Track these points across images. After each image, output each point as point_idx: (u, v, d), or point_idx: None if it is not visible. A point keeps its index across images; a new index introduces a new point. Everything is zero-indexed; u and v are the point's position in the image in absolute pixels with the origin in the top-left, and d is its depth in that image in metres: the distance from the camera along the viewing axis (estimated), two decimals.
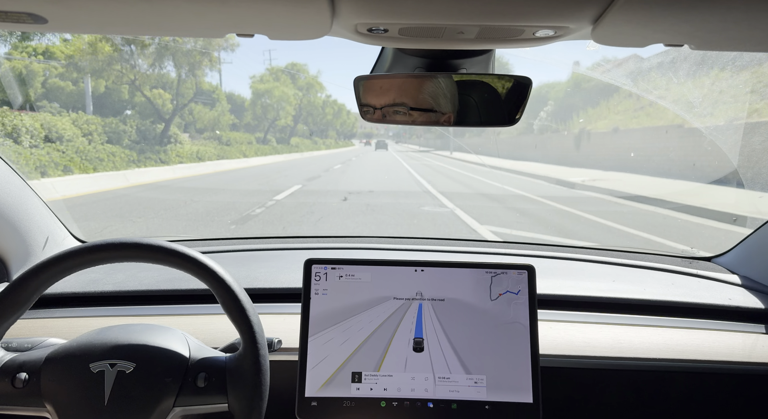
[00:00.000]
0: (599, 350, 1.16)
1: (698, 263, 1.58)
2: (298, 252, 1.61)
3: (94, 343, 0.88)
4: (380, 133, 63.95)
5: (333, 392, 0.97)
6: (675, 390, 1.18)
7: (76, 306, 1.28)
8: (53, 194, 9.07)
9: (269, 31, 0.69)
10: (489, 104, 0.95)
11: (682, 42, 0.71)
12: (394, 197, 9.83)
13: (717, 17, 0.60)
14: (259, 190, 11.15)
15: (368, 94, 0.93)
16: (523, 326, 1.00)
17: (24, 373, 0.85)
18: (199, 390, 0.86)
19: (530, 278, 1.02)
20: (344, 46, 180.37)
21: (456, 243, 1.79)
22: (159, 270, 1.37)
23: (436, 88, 0.92)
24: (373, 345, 0.99)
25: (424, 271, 1.02)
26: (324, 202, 8.96)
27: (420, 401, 0.98)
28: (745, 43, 0.71)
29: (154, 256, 0.86)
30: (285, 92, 39.81)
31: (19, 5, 0.60)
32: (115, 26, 0.70)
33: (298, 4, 0.59)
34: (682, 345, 1.18)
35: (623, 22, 0.63)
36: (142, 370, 0.85)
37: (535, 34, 0.71)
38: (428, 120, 0.94)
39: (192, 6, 0.60)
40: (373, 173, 17.41)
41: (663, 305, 1.30)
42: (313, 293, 1.01)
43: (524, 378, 0.98)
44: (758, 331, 1.24)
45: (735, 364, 1.15)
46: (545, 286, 1.29)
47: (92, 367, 0.85)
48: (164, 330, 0.93)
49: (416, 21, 0.66)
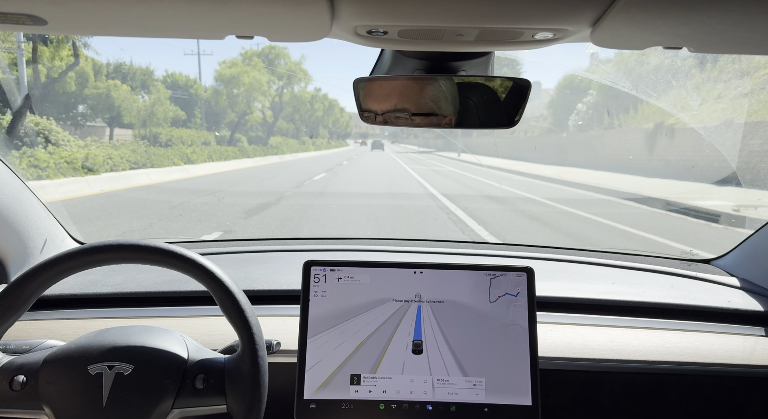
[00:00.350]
0: (598, 352, 1.16)
1: (697, 265, 1.58)
2: (298, 254, 1.61)
3: (92, 345, 0.87)
4: (375, 132, 61.97)
5: (331, 394, 0.97)
6: (674, 393, 1.18)
7: (75, 308, 1.27)
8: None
9: (269, 32, 0.69)
10: (488, 106, 0.95)
11: (681, 45, 0.71)
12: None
13: (715, 20, 0.60)
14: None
15: (369, 99, 0.93)
16: (522, 328, 1.00)
17: (22, 376, 0.85)
18: (197, 391, 0.86)
19: (529, 281, 1.02)
20: (340, 46, 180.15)
21: (455, 245, 1.79)
22: (158, 272, 1.37)
23: (436, 91, 0.92)
24: (372, 347, 0.99)
25: (423, 273, 1.02)
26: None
27: (419, 403, 0.97)
28: (743, 46, 0.71)
29: (152, 258, 0.86)
30: (257, 79, 32.49)
31: (19, 7, 0.60)
32: (114, 28, 0.70)
33: (297, 6, 0.59)
34: (681, 348, 1.18)
35: (622, 24, 0.63)
36: (140, 372, 0.85)
37: (534, 36, 0.71)
38: (429, 123, 0.95)
39: (191, 8, 0.60)
40: (368, 195, 10.99)
41: (662, 307, 1.30)
42: (312, 295, 1.01)
43: (523, 380, 0.98)
44: (757, 334, 1.24)
45: (734, 367, 1.15)
46: (544, 288, 1.29)
47: (90, 369, 0.84)
48: (162, 331, 0.92)
49: (415, 23, 0.66)
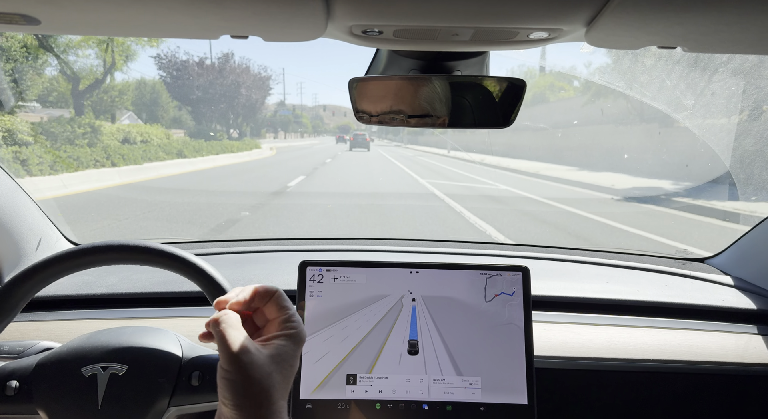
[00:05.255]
0: (593, 351, 1.16)
1: (691, 264, 1.59)
2: (293, 254, 1.61)
3: (84, 347, 0.87)
4: (350, 119, 56.63)
5: (327, 394, 0.97)
6: (668, 391, 1.18)
7: (69, 309, 1.27)
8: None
9: (264, 32, 0.69)
10: (483, 106, 0.95)
11: (675, 44, 0.71)
12: None
13: (710, 20, 0.61)
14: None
15: (364, 100, 0.93)
16: (517, 327, 1.00)
17: (15, 381, 0.84)
18: (193, 388, 0.85)
19: (525, 280, 1.02)
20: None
21: (451, 245, 1.79)
22: (153, 273, 1.36)
23: (432, 92, 0.92)
24: (368, 346, 0.99)
25: (419, 272, 1.02)
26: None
27: (415, 403, 0.97)
28: (737, 46, 0.72)
29: (146, 258, 0.86)
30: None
31: (11, 6, 0.59)
32: (108, 27, 0.69)
33: (292, 6, 0.59)
34: (676, 346, 1.18)
35: (616, 24, 0.63)
36: (134, 372, 0.85)
37: (529, 36, 0.71)
38: (424, 123, 0.95)
39: (186, 8, 0.60)
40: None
41: (656, 306, 1.31)
42: (308, 295, 1.01)
43: (519, 379, 0.98)
44: (750, 332, 1.24)
45: (728, 365, 1.16)
46: (539, 287, 1.30)
47: (84, 371, 0.84)
48: (156, 331, 0.92)
49: (411, 23, 0.66)
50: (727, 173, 9.37)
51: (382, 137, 70.31)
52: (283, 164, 19.95)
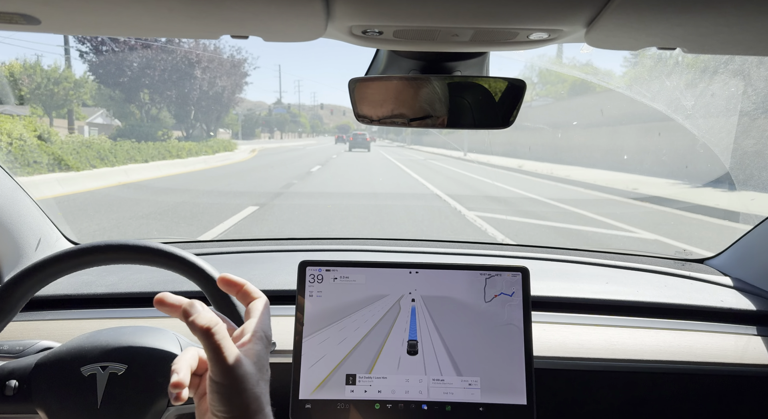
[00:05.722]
0: (592, 351, 1.16)
1: (691, 265, 1.59)
2: (293, 254, 1.61)
3: (84, 347, 0.87)
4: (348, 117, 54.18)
5: (327, 394, 0.97)
6: (668, 392, 1.18)
7: (69, 308, 1.27)
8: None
9: (264, 32, 0.69)
10: (483, 106, 0.95)
11: (675, 45, 0.71)
12: None
13: (709, 21, 0.61)
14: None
15: (365, 102, 0.93)
16: (517, 328, 1.00)
17: (14, 381, 0.84)
18: None
19: (524, 280, 1.02)
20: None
21: (450, 245, 1.79)
22: (153, 272, 1.36)
23: (432, 93, 0.92)
24: (367, 346, 0.99)
25: (419, 273, 1.02)
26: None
27: (414, 403, 0.97)
28: (737, 47, 0.72)
29: (146, 258, 0.86)
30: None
31: (11, 6, 0.59)
32: (109, 27, 0.69)
33: (292, 6, 0.59)
34: (675, 347, 1.19)
35: (616, 25, 0.63)
36: (134, 371, 0.85)
37: (529, 36, 0.71)
38: (425, 124, 0.95)
39: (186, 8, 0.60)
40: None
41: (656, 307, 1.31)
42: (308, 295, 1.01)
43: (518, 379, 0.98)
44: (750, 333, 1.25)
45: (727, 366, 1.16)
46: (539, 288, 1.30)
47: (83, 371, 0.84)
48: (155, 330, 0.92)
49: (411, 23, 0.66)
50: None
51: (383, 136, 70.20)
52: (242, 176, 13.99)
